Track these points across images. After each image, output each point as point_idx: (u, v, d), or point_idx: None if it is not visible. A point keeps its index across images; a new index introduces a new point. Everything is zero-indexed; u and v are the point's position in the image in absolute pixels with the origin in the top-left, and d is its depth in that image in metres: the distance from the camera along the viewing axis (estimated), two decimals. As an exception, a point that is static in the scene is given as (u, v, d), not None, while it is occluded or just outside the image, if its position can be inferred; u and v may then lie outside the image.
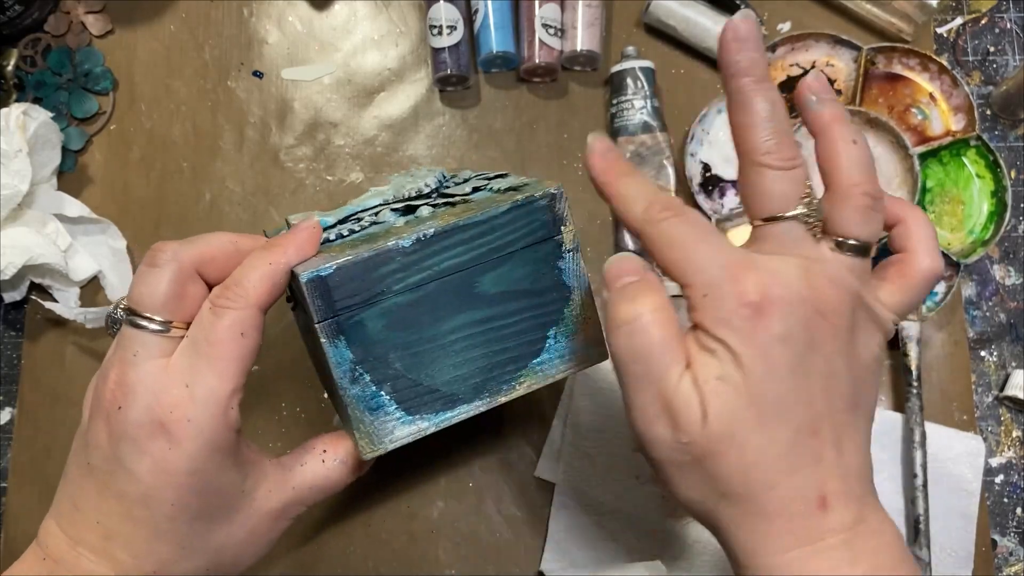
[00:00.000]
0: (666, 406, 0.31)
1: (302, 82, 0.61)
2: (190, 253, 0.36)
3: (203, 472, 0.34)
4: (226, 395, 0.34)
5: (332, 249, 0.37)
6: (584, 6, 0.58)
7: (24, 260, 0.53)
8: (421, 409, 0.38)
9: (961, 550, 0.51)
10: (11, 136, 0.53)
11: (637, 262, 0.34)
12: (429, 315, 0.37)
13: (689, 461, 0.31)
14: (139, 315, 0.35)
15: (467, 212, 0.37)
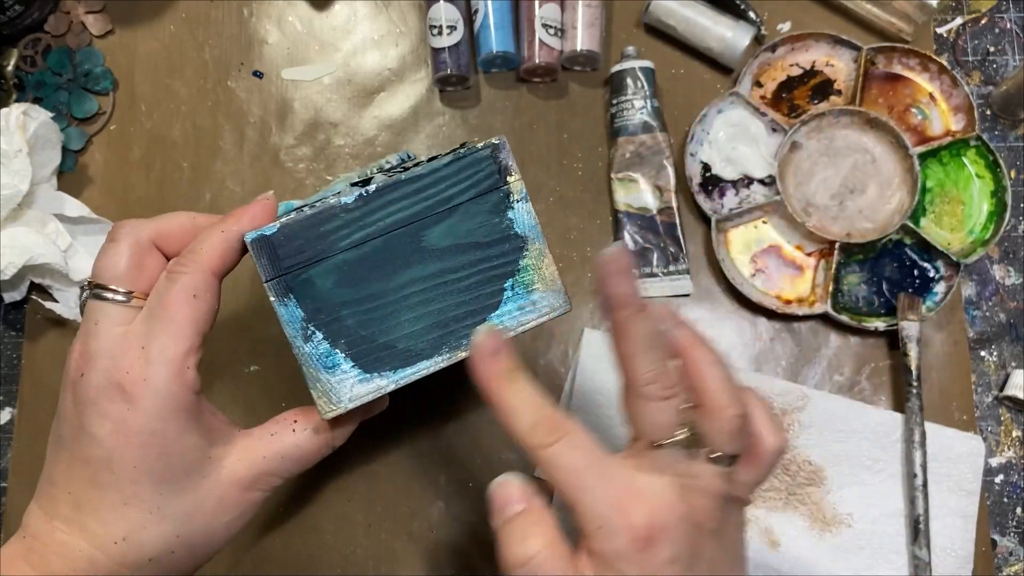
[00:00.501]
0: None
1: (302, 82, 0.61)
2: (148, 228, 0.37)
3: (163, 432, 0.35)
4: (180, 354, 0.35)
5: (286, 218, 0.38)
6: (584, 6, 0.58)
7: (24, 260, 0.53)
8: (378, 366, 0.38)
9: (961, 550, 0.51)
10: (11, 136, 0.53)
11: (520, 488, 0.34)
12: (379, 271, 0.38)
13: None
14: (101, 287, 0.36)
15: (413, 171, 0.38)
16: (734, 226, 0.57)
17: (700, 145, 0.58)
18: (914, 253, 0.56)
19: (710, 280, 0.57)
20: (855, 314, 0.55)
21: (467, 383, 0.56)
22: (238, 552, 0.53)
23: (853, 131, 0.58)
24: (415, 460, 0.54)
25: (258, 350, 0.56)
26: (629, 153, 0.57)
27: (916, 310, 0.54)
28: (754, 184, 0.58)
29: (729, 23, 0.58)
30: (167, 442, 0.35)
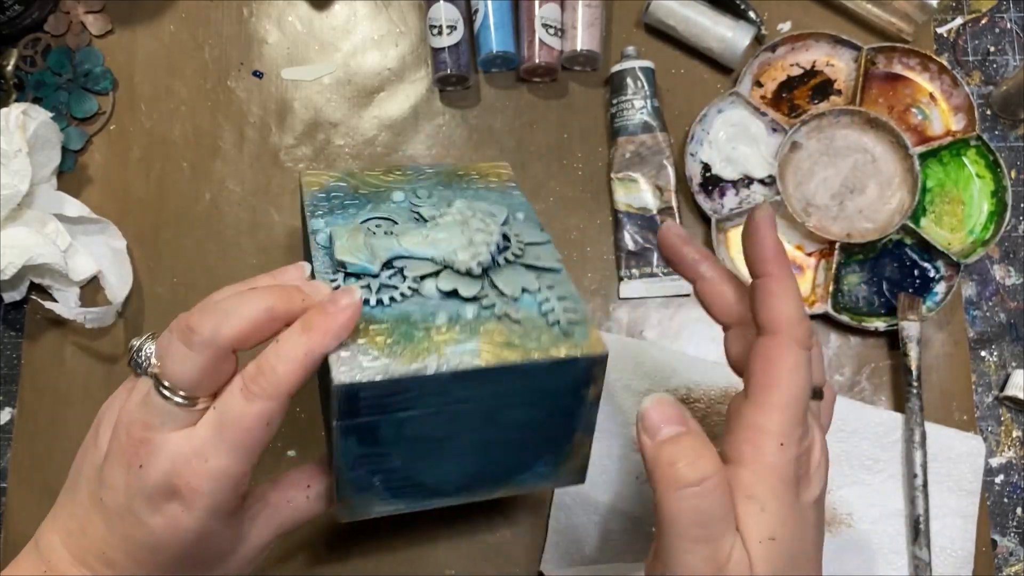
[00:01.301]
0: (719, 568, 0.31)
1: (302, 82, 0.61)
2: (227, 336, 0.35)
3: (209, 532, 0.36)
4: (242, 474, 0.36)
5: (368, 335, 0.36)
6: (584, 6, 0.58)
7: (24, 260, 0.53)
8: (404, 495, 0.40)
9: (961, 550, 0.51)
10: (11, 136, 0.53)
11: (677, 409, 0.34)
12: (443, 429, 0.37)
13: None
14: (166, 387, 0.35)
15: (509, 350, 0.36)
16: (734, 226, 0.57)
17: (700, 145, 0.58)
18: (914, 253, 0.56)
19: (710, 280, 0.57)
20: (855, 314, 0.55)
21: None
22: (238, 552, 0.53)
23: (853, 131, 0.58)
24: (415, 460, 0.54)
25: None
26: (629, 153, 0.57)
27: (916, 310, 0.54)
28: (754, 184, 0.58)
29: (729, 23, 0.58)
30: (211, 538, 0.37)
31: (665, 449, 0.32)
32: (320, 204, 0.43)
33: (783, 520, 0.32)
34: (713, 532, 0.31)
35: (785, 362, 0.33)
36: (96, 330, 0.56)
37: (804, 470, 0.33)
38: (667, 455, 0.32)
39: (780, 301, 0.34)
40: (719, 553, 0.31)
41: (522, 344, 0.36)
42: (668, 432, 0.33)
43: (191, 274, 0.58)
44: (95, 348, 0.56)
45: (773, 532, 0.31)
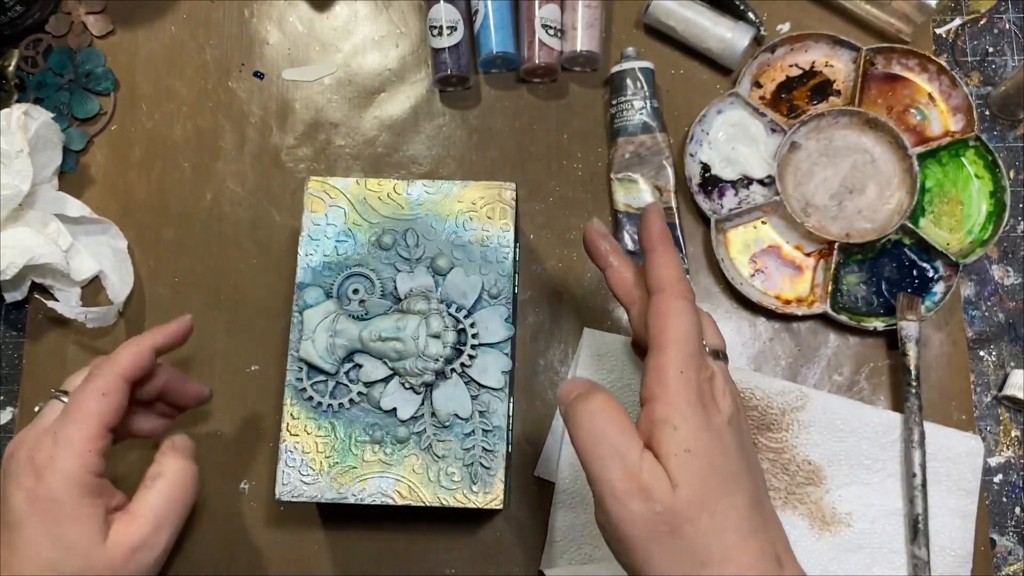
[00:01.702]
0: (634, 479, 0.35)
1: (303, 82, 0.61)
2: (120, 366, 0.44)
3: (62, 503, 0.41)
4: (83, 440, 0.42)
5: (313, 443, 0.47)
6: (584, 7, 0.58)
7: (25, 260, 0.53)
8: None
9: (960, 549, 0.51)
10: (12, 136, 0.53)
11: (581, 379, 0.41)
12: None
13: (666, 532, 0.34)
14: (59, 391, 0.44)
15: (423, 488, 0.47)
16: (733, 226, 0.58)
17: (699, 145, 0.58)
18: (913, 253, 0.56)
19: (710, 280, 0.57)
20: (854, 314, 0.55)
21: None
22: (237, 552, 0.53)
23: (852, 131, 0.58)
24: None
25: (258, 350, 0.56)
26: (629, 153, 0.57)
27: (915, 310, 0.54)
28: (753, 184, 0.58)
29: (729, 24, 0.58)
30: (65, 511, 0.41)
31: (569, 405, 0.38)
32: (312, 243, 0.50)
33: (695, 435, 0.35)
34: (616, 447, 0.36)
35: (672, 309, 0.38)
36: (97, 330, 0.56)
37: (710, 395, 0.37)
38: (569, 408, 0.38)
39: (664, 267, 0.40)
40: (629, 465, 0.35)
41: (435, 482, 0.46)
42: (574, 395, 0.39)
43: (192, 274, 0.58)
44: (96, 348, 0.57)
45: (687, 446, 0.35)
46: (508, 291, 0.48)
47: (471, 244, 0.49)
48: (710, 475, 0.35)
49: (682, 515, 0.34)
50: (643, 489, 0.35)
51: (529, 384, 0.55)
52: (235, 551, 0.53)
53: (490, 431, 0.47)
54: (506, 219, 0.49)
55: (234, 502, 0.54)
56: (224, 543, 0.53)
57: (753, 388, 0.54)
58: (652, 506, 0.34)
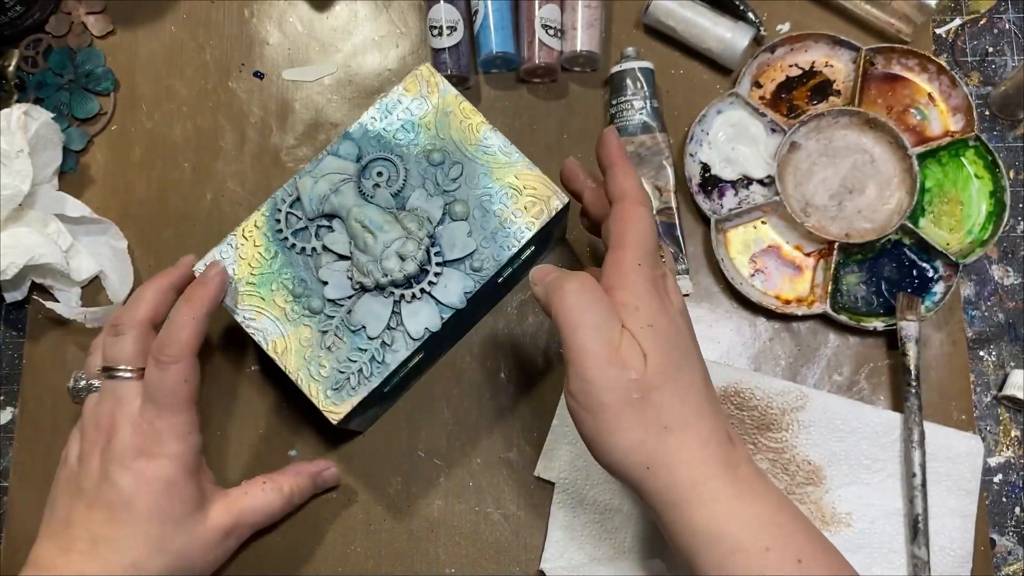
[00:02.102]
0: (615, 349, 0.39)
1: (303, 83, 0.61)
2: (142, 314, 0.46)
3: (172, 482, 0.44)
4: (183, 427, 0.44)
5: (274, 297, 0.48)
6: (584, 7, 0.58)
7: (25, 260, 0.53)
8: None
9: (960, 549, 0.51)
10: (12, 136, 0.53)
11: (552, 266, 0.44)
12: None
13: (638, 398, 0.38)
14: (115, 369, 0.45)
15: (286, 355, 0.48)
16: (733, 226, 0.58)
17: (699, 145, 0.58)
18: (913, 253, 0.56)
19: (709, 280, 0.57)
20: (854, 314, 0.55)
21: (465, 383, 0.56)
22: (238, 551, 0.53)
23: (852, 131, 0.58)
24: (415, 460, 0.54)
25: (258, 350, 0.56)
26: (628, 153, 0.57)
27: (915, 310, 0.54)
28: (753, 184, 0.58)
29: (728, 24, 0.58)
30: (174, 490, 0.44)
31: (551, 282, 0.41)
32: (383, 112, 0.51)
33: (655, 314, 0.40)
34: (600, 318, 0.39)
35: (631, 214, 0.42)
36: (97, 330, 0.56)
37: (663, 287, 0.42)
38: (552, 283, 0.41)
39: (623, 178, 0.44)
40: (611, 336, 0.39)
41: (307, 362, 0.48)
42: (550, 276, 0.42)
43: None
44: (96, 348, 0.57)
45: (650, 321, 0.39)
46: (489, 270, 0.48)
47: (492, 215, 0.49)
48: (672, 349, 0.39)
49: (651, 383, 0.38)
50: (621, 358, 0.38)
51: (529, 384, 0.55)
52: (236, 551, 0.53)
53: (380, 364, 0.47)
54: (535, 220, 0.49)
55: (234, 502, 0.54)
56: (224, 543, 0.53)
57: (753, 388, 0.54)
58: (628, 373, 0.38)
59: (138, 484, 0.43)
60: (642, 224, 0.42)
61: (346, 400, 0.47)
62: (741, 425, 0.53)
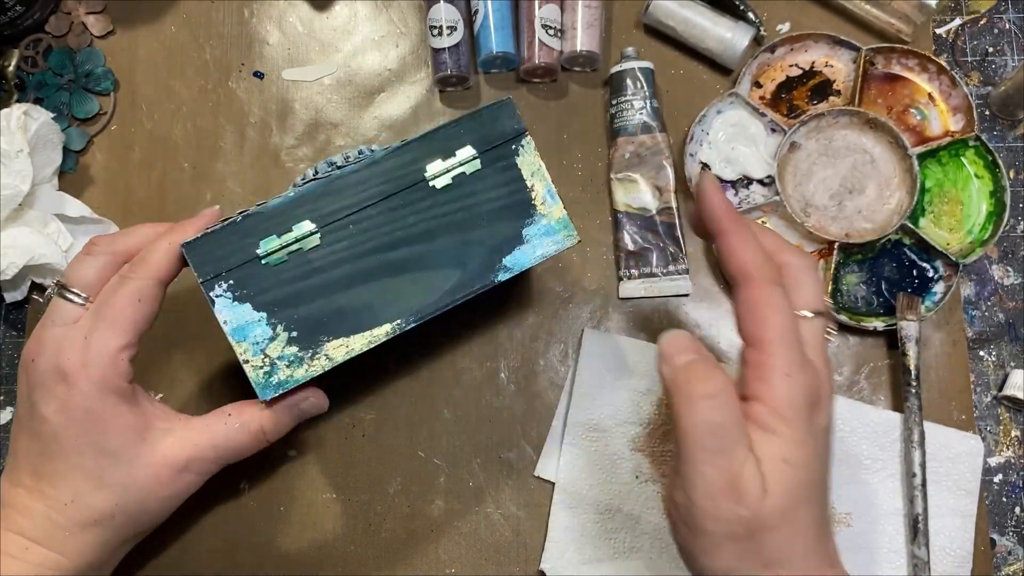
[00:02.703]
0: (733, 481, 0.35)
1: (303, 83, 0.61)
2: (123, 245, 0.43)
3: (99, 411, 0.41)
4: (117, 347, 0.41)
5: None
6: (584, 7, 0.58)
7: (25, 260, 0.53)
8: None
9: (960, 550, 0.51)
10: (12, 136, 0.53)
11: (690, 340, 0.38)
12: None
13: (744, 535, 0.35)
14: (67, 289, 0.42)
15: None
16: (733, 226, 0.58)
17: (699, 145, 0.58)
18: (913, 253, 0.56)
19: (709, 280, 0.57)
20: (854, 314, 0.55)
21: (465, 383, 0.56)
22: (238, 551, 0.53)
23: (852, 131, 0.58)
24: (415, 460, 0.54)
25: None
26: (629, 153, 0.57)
27: (915, 310, 0.54)
28: (753, 184, 0.58)
29: (728, 24, 0.58)
30: (103, 419, 0.41)
31: (681, 372, 0.37)
32: None
33: (794, 445, 0.35)
34: (726, 443, 0.35)
35: (765, 301, 0.37)
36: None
37: (815, 398, 0.36)
38: (683, 376, 0.36)
39: (742, 252, 0.38)
40: (733, 464, 0.34)
41: None
42: (683, 359, 0.37)
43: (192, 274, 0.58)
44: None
45: (786, 455, 0.35)
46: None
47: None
48: (800, 487, 0.35)
49: (766, 523, 0.34)
50: (738, 492, 0.34)
51: (529, 384, 0.55)
52: (235, 551, 0.53)
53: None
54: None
55: (234, 501, 0.54)
56: (224, 543, 0.53)
57: None
58: (740, 510, 0.34)
59: (61, 414, 0.40)
60: (781, 317, 0.36)
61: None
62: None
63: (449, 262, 0.44)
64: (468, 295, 0.44)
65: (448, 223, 0.44)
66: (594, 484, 0.52)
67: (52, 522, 0.41)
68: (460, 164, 0.44)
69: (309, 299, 0.43)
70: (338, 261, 0.43)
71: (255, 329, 0.43)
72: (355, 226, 0.43)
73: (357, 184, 0.43)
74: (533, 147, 0.45)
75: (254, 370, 0.43)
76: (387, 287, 0.43)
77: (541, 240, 0.45)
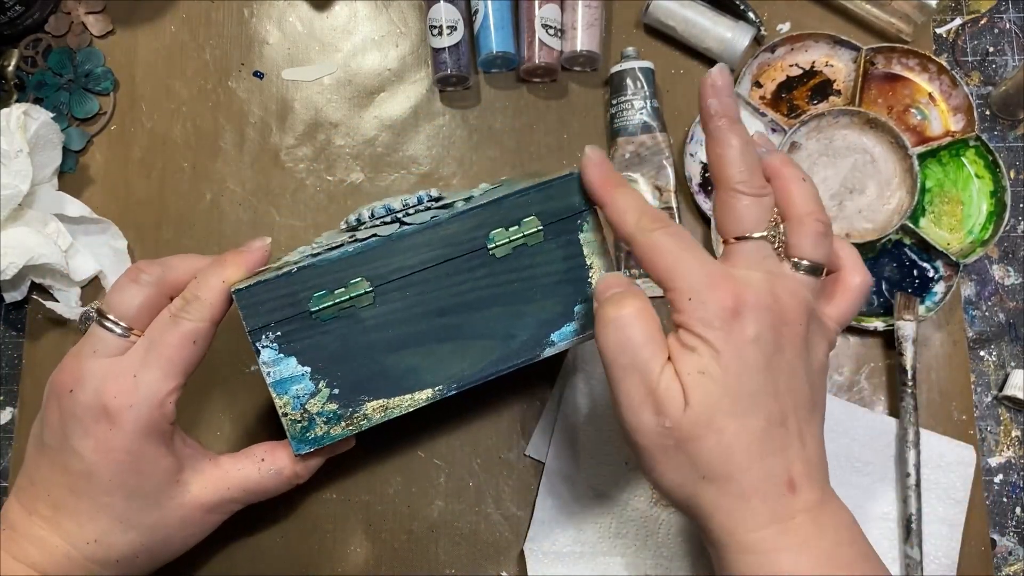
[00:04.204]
0: (650, 393, 0.36)
1: (302, 82, 0.61)
2: (170, 279, 0.42)
3: (139, 454, 0.39)
4: (167, 390, 0.40)
5: None
6: (584, 6, 0.58)
7: (25, 260, 0.53)
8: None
9: (945, 558, 0.51)
10: (12, 136, 0.53)
11: (622, 278, 0.40)
12: None
13: (672, 445, 0.36)
14: (107, 318, 0.40)
15: None
16: (733, 226, 0.58)
17: (700, 145, 0.58)
18: (913, 253, 0.56)
19: (710, 280, 0.57)
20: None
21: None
22: (237, 551, 0.53)
23: (852, 131, 0.58)
24: (415, 460, 0.54)
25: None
26: (629, 153, 0.57)
27: (913, 310, 0.54)
28: (753, 184, 0.58)
29: (729, 24, 0.58)
30: (141, 462, 0.39)
31: (601, 303, 0.38)
32: None
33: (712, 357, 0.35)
34: (639, 359, 0.36)
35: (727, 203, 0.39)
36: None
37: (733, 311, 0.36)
38: (600, 306, 0.38)
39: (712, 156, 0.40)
40: (649, 379, 0.36)
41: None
42: (609, 293, 0.38)
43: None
44: (96, 348, 0.57)
45: (702, 367, 0.36)
46: None
47: None
48: (722, 396, 0.35)
49: (688, 432, 0.35)
50: (656, 403, 0.36)
51: (529, 384, 0.55)
52: (235, 551, 0.53)
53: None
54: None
55: (234, 502, 0.54)
56: (224, 543, 0.53)
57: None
58: (662, 420, 0.36)
59: (99, 454, 0.38)
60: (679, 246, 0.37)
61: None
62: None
63: (497, 332, 0.43)
64: (511, 368, 0.43)
65: (502, 293, 0.43)
66: (583, 468, 0.53)
67: (70, 559, 0.39)
68: (524, 235, 0.42)
69: (355, 358, 0.42)
70: (388, 323, 0.42)
71: (298, 383, 0.42)
72: (410, 288, 0.42)
73: (417, 246, 0.41)
74: (597, 224, 0.44)
75: (291, 424, 0.42)
76: (433, 352, 0.42)
77: (590, 318, 0.43)
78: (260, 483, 0.43)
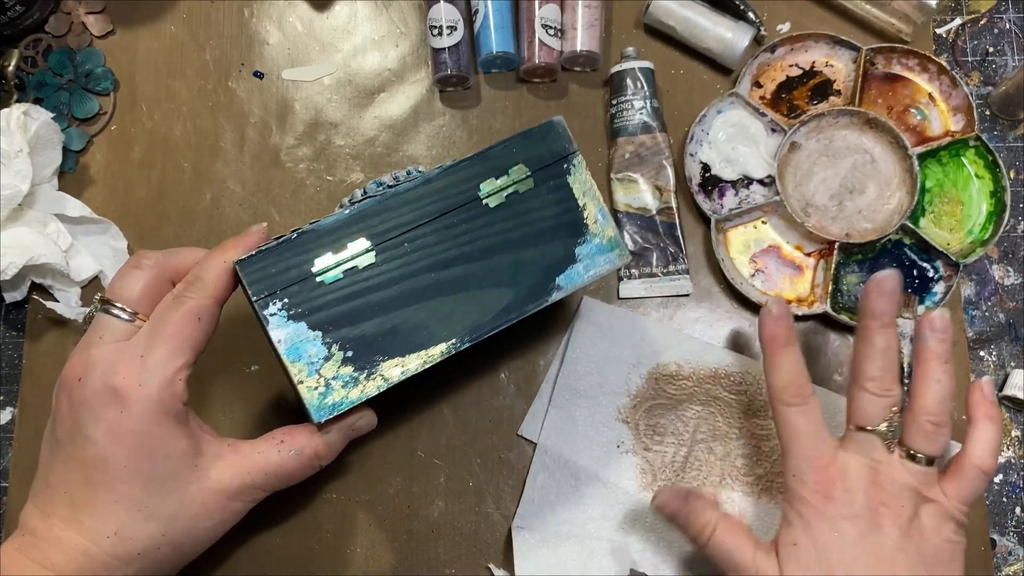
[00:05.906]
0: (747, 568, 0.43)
1: (303, 82, 0.61)
2: (172, 264, 0.42)
3: (152, 435, 0.39)
4: (175, 368, 0.39)
5: None
6: (584, 7, 0.58)
7: (25, 260, 0.53)
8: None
9: None
10: (12, 136, 0.53)
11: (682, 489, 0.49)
12: None
13: None
14: (113, 304, 0.41)
15: None
16: (733, 226, 0.58)
17: (699, 145, 0.58)
18: (913, 253, 0.56)
19: (710, 280, 0.57)
20: (854, 314, 0.55)
21: (466, 384, 0.56)
22: (237, 551, 0.53)
23: (852, 131, 0.58)
24: (415, 460, 0.54)
25: (258, 350, 0.56)
26: (629, 153, 0.57)
27: (911, 308, 0.54)
28: (753, 184, 0.58)
29: (729, 24, 0.58)
30: (155, 445, 0.39)
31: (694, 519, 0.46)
32: None
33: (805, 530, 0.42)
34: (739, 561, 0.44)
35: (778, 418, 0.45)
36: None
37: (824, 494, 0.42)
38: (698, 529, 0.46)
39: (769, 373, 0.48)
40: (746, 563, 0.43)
41: None
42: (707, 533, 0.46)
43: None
44: (96, 348, 0.56)
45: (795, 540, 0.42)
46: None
47: None
48: (812, 566, 0.41)
49: None
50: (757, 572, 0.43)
51: (529, 384, 0.55)
52: (235, 551, 0.53)
53: None
54: None
55: (234, 502, 0.54)
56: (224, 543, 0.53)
57: (743, 372, 0.54)
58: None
59: (111, 436, 0.38)
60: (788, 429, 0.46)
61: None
62: (729, 409, 0.53)
63: (503, 281, 0.44)
64: (523, 315, 0.44)
65: (502, 242, 0.44)
66: (575, 449, 0.53)
67: (90, 557, 0.38)
68: (513, 183, 0.44)
69: (364, 318, 0.42)
70: (393, 279, 0.42)
71: (310, 348, 0.41)
72: (410, 244, 0.43)
73: (412, 202, 0.43)
74: (584, 166, 0.45)
75: (309, 391, 0.41)
76: (441, 306, 0.43)
77: (593, 259, 0.45)
78: (282, 465, 0.42)
